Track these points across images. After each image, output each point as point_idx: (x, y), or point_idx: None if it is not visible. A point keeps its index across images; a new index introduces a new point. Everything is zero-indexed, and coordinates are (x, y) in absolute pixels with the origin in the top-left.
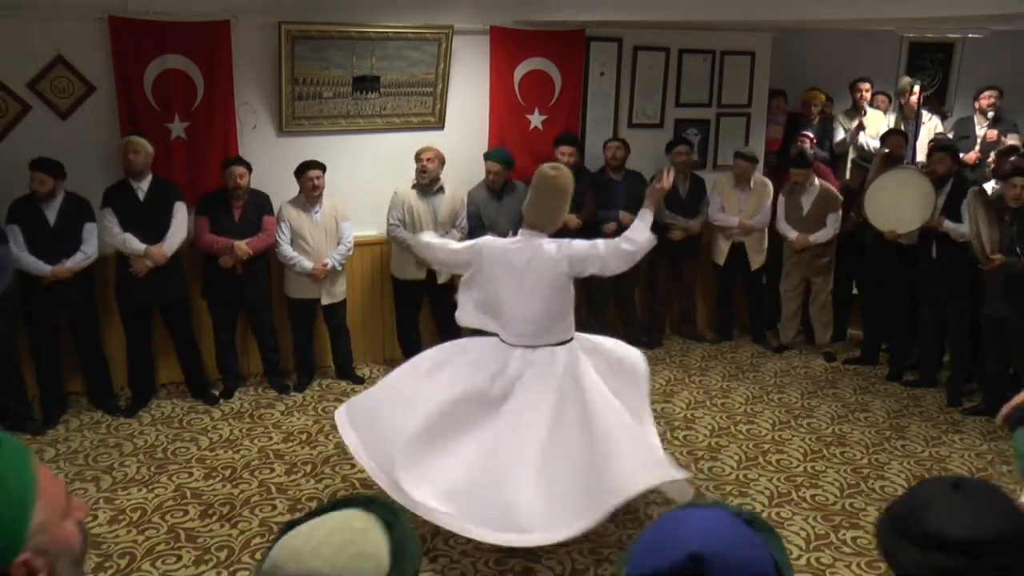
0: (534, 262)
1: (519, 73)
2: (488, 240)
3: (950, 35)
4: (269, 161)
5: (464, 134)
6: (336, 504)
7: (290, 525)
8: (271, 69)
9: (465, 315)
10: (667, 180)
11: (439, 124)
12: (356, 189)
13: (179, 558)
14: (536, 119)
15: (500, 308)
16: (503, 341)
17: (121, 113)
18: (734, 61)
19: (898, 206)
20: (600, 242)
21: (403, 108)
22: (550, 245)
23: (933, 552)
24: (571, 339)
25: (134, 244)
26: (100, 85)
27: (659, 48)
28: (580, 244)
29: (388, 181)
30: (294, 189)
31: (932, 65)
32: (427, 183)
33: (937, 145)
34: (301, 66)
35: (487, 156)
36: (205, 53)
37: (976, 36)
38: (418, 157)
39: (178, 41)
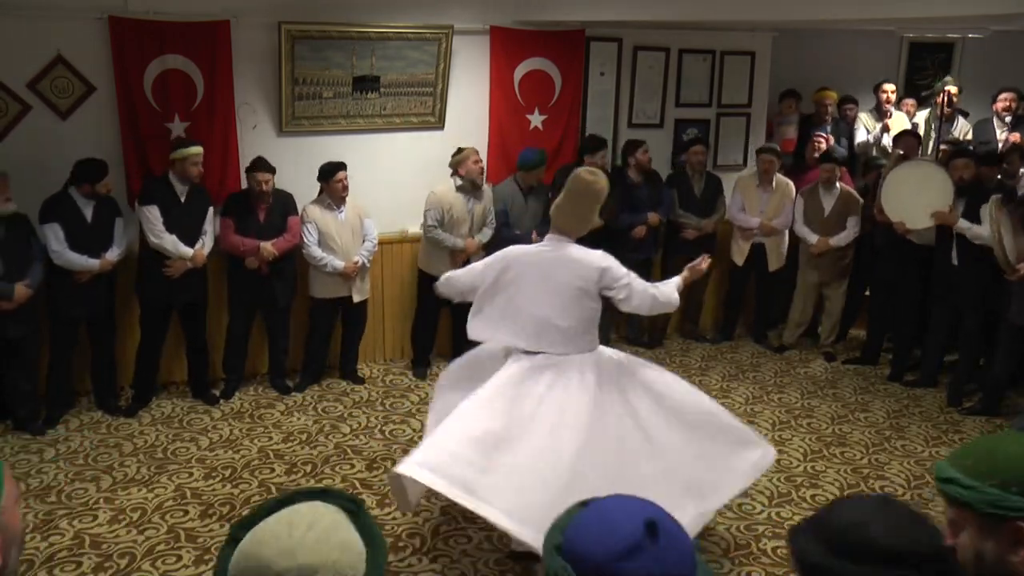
0: (560, 267)
1: (519, 73)
2: (515, 248)
3: (950, 35)
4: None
5: (464, 134)
6: (293, 497)
7: (248, 522)
8: (271, 69)
9: (477, 328)
10: (704, 264)
11: (439, 124)
12: (355, 189)
13: (179, 558)
14: (536, 119)
15: (519, 314)
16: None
17: (121, 113)
18: (734, 61)
19: (915, 201)
20: (634, 276)
21: (403, 108)
22: (581, 251)
23: (870, 566)
24: (594, 350)
25: (182, 247)
26: (100, 85)
27: (659, 48)
28: (618, 266)
29: (387, 181)
30: (295, 188)
31: (932, 65)
32: (480, 183)
33: (961, 151)
34: (301, 66)
35: (537, 165)
36: (205, 53)
37: (976, 36)
38: (466, 159)
39: (178, 41)
